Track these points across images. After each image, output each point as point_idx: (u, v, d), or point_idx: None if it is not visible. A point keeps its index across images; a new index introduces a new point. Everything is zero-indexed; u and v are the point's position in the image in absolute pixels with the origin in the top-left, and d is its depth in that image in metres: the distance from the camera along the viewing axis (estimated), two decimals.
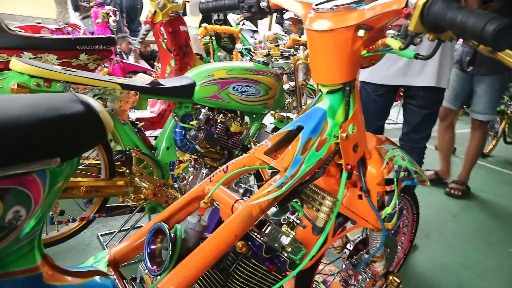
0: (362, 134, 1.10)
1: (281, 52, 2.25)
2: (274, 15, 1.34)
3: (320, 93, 1.09)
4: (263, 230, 0.97)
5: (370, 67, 1.12)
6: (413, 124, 2.06)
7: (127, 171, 1.76)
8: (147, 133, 2.11)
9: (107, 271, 0.92)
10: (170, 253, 0.85)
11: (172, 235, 0.88)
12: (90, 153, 1.97)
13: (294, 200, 1.06)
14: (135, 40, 4.50)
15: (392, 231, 1.63)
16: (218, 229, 0.87)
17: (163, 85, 1.81)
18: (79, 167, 1.80)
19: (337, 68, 1.00)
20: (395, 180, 1.22)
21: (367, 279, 1.34)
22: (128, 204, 1.85)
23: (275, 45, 2.26)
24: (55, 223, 1.68)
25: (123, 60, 4.01)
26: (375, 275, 1.36)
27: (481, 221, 2.76)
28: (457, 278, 2.02)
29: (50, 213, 1.62)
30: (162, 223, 0.90)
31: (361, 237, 1.44)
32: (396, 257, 1.67)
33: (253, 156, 1.05)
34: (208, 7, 1.42)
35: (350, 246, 1.43)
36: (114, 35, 3.34)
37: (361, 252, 1.39)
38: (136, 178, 1.77)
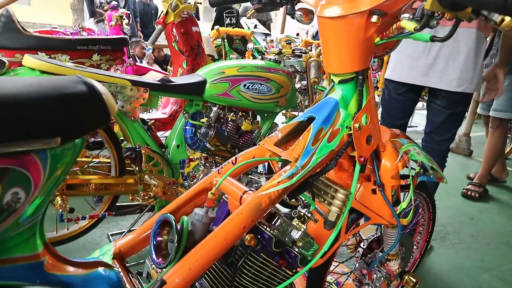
0: (376, 126, 1.06)
1: (293, 50, 2.22)
2: (285, 11, 1.31)
3: (332, 83, 1.06)
4: (272, 223, 0.94)
5: (385, 55, 1.08)
6: (436, 124, 1.96)
7: (137, 168, 1.75)
8: (159, 134, 2.10)
9: (112, 264, 0.89)
10: (176, 245, 0.83)
11: (178, 227, 0.86)
12: (100, 152, 1.97)
13: (305, 193, 1.03)
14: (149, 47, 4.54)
15: (408, 230, 1.58)
16: (226, 220, 0.85)
17: (173, 82, 1.80)
18: (89, 165, 1.79)
19: (349, 56, 0.97)
20: (410, 174, 1.17)
21: (382, 278, 1.30)
22: (138, 203, 1.84)
23: (287, 43, 2.23)
24: (65, 220, 1.66)
25: (136, 63, 4.03)
26: (390, 274, 1.31)
27: (500, 223, 2.67)
28: (476, 281, 1.95)
29: (60, 210, 1.61)
30: (168, 214, 0.87)
31: (375, 236, 1.40)
32: (412, 257, 1.62)
33: (263, 148, 1.02)
34: (219, 0, 1.40)
35: (363, 245, 1.39)
36: (126, 36, 3.35)
37: (375, 251, 1.35)
38: (145, 176, 1.75)
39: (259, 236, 0.92)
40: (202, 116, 1.90)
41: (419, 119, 6.35)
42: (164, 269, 0.83)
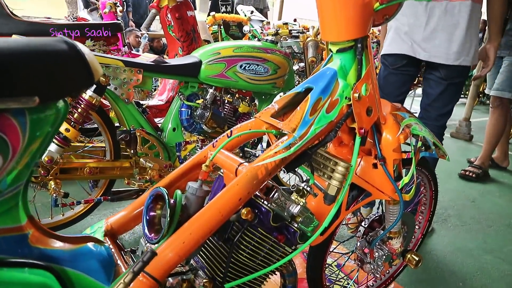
0: (376, 97, 1.02)
1: (290, 31, 2.17)
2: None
3: (330, 53, 1.02)
4: (270, 196, 0.90)
5: (384, 24, 1.03)
6: (433, 96, 1.89)
7: (132, 151, 1.71)
8: (156, 120, 2.06)
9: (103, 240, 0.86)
10: (169, 219, 0.79)
11: (171, 201, 0.82)
12: (93, 136, 1.93)
13: (304, 166, 0.99)
14: (144, 34, 4.48)
15: (410, 209, 1.55)
16: (221, 192, 0.81)
17: (168, 63, 1.75)
18: (84, 149, 1.76)
19: (347, 23, 0.92)
20: (412, 148, 1.13)
21: (384, 257, 1.26)
22: (134, 187, 1.80)
23: (284, 24, 2.18)
24: (59, 205, 1.63)
25: (131, 52, 3.98)
26: (392, 253, 1.28)
27: (502, 205, 2.64)
28: (479, 261, 1.92)
29: (54, 194, 1.57)
30: (161, 188, 0.84)
31: (376, 215, 1.37)
32: (413, 237, 1.58)
33: (259, 120, 0.98)
34: None
35: (365, 224, 1.36)
36: (120, 22, 3.30)
37: (376, 229, 1.32)
38: (141, 159, 1.71)
39: (256, 210, 0.88)
40: (198, 98, 1.86)
41: (418, 105, 6.31)
42: (157, 245, 0.79)
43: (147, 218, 0.84)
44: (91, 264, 0.73)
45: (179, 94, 1.83)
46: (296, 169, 0.97)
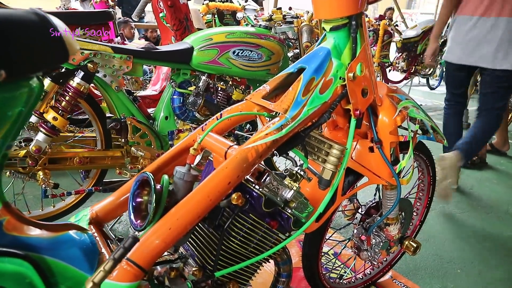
0: (372, 78, 0.98)
1: (284, 16, 2.12)
2: None
3: (324, 32, 0.98)
4: (262, 180, 0.86)
5: (380, 0, 0.99)
6: (489, 84, 2.26)
7: (123, 140, 1.66)
8: (149, 111, 2.01)
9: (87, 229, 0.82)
10: (154, 205, 0.75)
11: (158, 186, 0.78)
12: (84, 126, 1.89)
13: (297, 150, 0.95)
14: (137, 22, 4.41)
15: (408, 195, 1.52)
16: (209, 176, 0.77)
17: (158, 49, 1.71)
18: (74, 139, 1.71)
19: None
20: (410, 130, 1.10)
21: (381, 244, 1.23)
22: (126, 178, 1.76)
23: (277, 9, 2.13)
24: (49, 196, 1.59)
25: (124, 43, 3.91)
26: (389, 239, 1.25)
27: (499, 192, 2.62)
28: (477, 248, 1.90)
29: (43, 185, 1.53)
30: (147, 172, 0.80)
31: (373, 202, 1.34)
32: (411, 224, 1.55)
33: (250, 102, 0.94)
34: None
35: (362, 211, 1.32)
36: (111, 10, 3.23)
37: (373, 216, 1.28)
38: (132, 148, 1.67)
39: (247, 195, 0.84)
40: (190, 85, 1.81)
41: (419, 95, 6.30)
42: (143, 232, 0.76)
43: (133, 204, 0.80)
44: (73, 253, 0.69)
45: (171, 81, 1.79)
46: (289, 153, 0.93)
